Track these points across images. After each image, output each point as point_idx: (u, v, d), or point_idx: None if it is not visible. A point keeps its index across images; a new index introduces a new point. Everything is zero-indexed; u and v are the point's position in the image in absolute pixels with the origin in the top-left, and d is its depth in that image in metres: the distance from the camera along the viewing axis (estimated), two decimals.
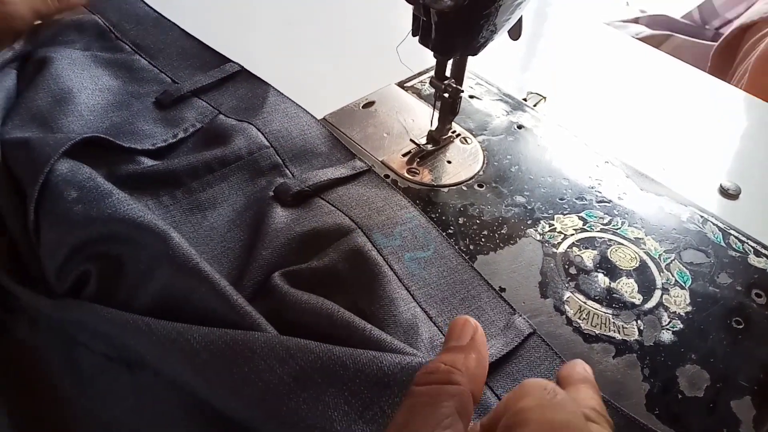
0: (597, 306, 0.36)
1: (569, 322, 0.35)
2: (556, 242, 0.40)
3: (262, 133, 0.43)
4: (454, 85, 0.43)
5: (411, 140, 0.46)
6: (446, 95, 0.43)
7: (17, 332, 0.31)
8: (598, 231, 0.41)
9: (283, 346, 0.27)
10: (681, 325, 0.36)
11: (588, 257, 0.39)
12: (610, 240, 0.40)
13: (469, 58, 0.43)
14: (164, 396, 0.28)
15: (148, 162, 0.39)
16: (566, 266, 0.38)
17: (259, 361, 0.26)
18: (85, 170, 0.34)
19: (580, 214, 0.42)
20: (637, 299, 0.37)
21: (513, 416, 0.21)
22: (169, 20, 0.56)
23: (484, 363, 0.25)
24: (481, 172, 0.45)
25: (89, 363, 0.30)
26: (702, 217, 0.43)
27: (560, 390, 0.22)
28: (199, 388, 0.27)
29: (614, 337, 0.35)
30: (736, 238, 0.41)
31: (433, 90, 0.44)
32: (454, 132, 0.48)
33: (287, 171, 0.41)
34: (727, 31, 1.11)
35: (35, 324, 0.31)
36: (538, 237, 0.40)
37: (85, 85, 0.45)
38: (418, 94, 0.52)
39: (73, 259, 0.31)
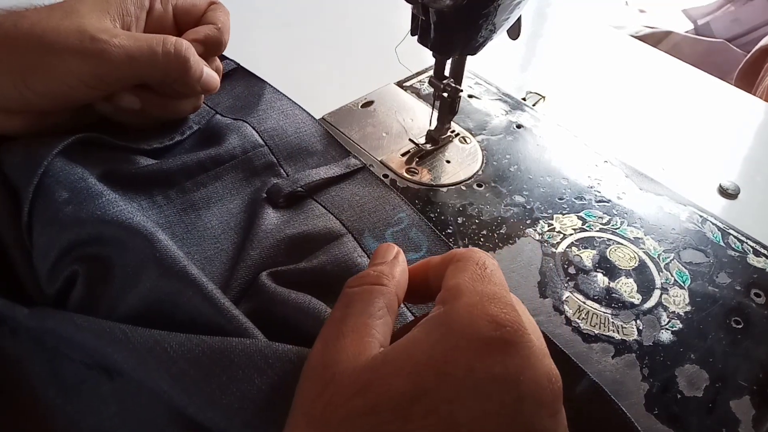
0: (596, 306, 0.36)
1: (568, 321, 0.35)
2: (555, 242, 0.40)
3: (257, 132, 0.42)
4: (453, 85, 0.43)
5: (410, 140, 0.46)
6: (445, 95, 0.43)
7: None
8: (597, 231, 0.41)
9: (261, 354, 0.27)
10: (680, 325, 0.36)
11: (587, 257, 0.39)
12: (609, 240, 0.40)
13: (468, 57, 0.43)
14: (146, 402, 0.28)
15: (142, 161, 0.38)
16: (565, 266, 0.38)
17: (237, 371, 0.26)
18: (77, 171, 0.34)
19: (579, 214, 0.42)
20: (637, 299, 0.37)
21: (449, 290, 0.25)
22: None
23: (406, 275, 0.28)
24: (480, 172, 0.45)
25: (71, 372, 0.29)
26: (701, 216, 0.43)
27: (490, 264, 0.26)
28: (177, 398, 0.27)
29: (613, 337, 0.35)
30: (736, 237, 0.41)
31: (432, 89, 0.44)
32: (453, 131, 0.48)
33: (281, 170, 0.41)
34: (728, 43, 1.12)
35: (16, 333, 0.31)
36: (537, 237, 0.40)
37: None
38: (417, 93, 0.52)
39: (62, 260, 0.31)
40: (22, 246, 0.33)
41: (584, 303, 0.36)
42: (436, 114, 0.45)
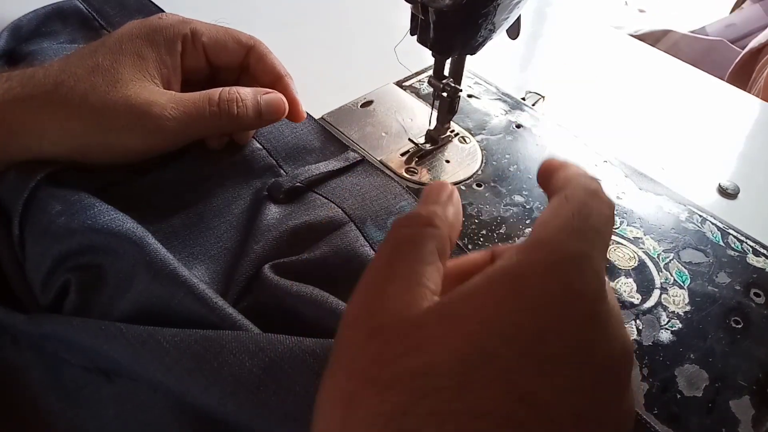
0: None
1: None
2: None
3: (253, 136, 0.43)
4: (453, 85, 0.43)
5: (409, 139, 0.46)
6: (445, 94, 0.43)
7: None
8: None
9: (253, 340, 0.27)
10: (680, 325, 0.36)
11: None
12: None
13: (468, 57, 0.42)
14: (145, 402, 0.28)
15: (141, 172, 0.38)
16: None
17: (228, 355, 0.26)
18: (71, 186, 0.34)
19: None
20: (636, 299, 0.37)
21: (530, 238, 0.22)
22: (154, 4, 0.55)
23: (460, 216, 0.25)
24: (479, 172, 0.45)
25: (71, 377, 0.30)
26: (701, 216, 0.43)
27: (596, 213, 0.22)
28: (172, 387, 0.27)
29: None
30: (735, 237, 0.41)
31: (431, 89, 0.44)
32: (452, 131, 0.47)
33: (281, 171, 0.41)
34: (727, 41, 1.13)
35: (17, 342, 0.31)
36: None
37: None
38: (417, 93, 0.52)
39: (55, 270, 0.31)
40: (15, 259, 0.33)
41: None
42: (435, 114, 0.45)
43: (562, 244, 0.21)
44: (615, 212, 0.42)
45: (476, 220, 0.41)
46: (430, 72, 0.43)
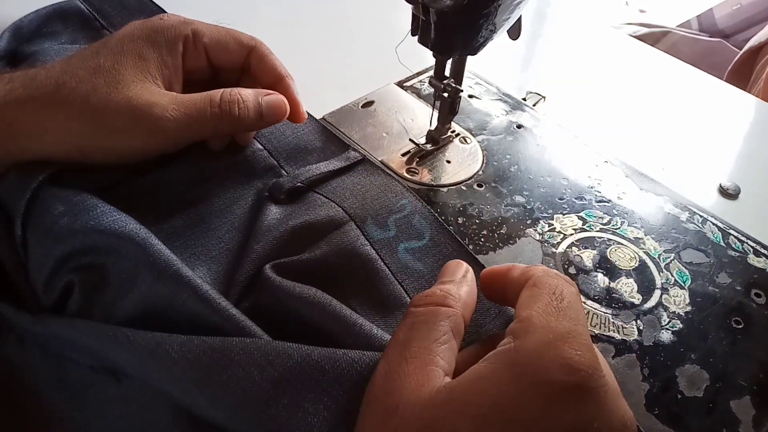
0: (596, 306, 0.36)
1: None
2: (555, 242, 0.40)
3: (254, 137, 0.43)
4: (454, 85, 0.43)
5: (410, 140, 0.46)
6: (445, 95, 0.43)
7: (5, 348, 0.31)
8: (597, 231, 0.41)
9: (261, 351, 0.27)
10: (680, 325, 0.36)
11: (587, 257, 0.39)
12: (609, 240, 0.40)
13: (469, 57, 0.43)
14: (151, 403, 0.28)
15: (142, 173, 0.39)
16: (566, 266, 0.38)
17: (237, 369, 0.26)
18: (73, 186, 0.34)
19: (579, 214, 0.42)
20: (637, 299, 0.37)
21: (520, 323, 0.23)
22: (156, 4, 0.55)
23: (474, 295, 0.27)
24: (480, 172, 0.45)
25: (77, 377, 0.30)
26: (701, 216, 0.43)
27: (567, 293, 0.24)
28: (179, 398, 0.27)
29: (614, 337, 0.35)
30: (736, 237, 0.41)
31: (432, 89, 0.44)
32: (453, 132, 0.48)
33: (282, 171, 0.41)
34: (726, 42, 1.13)
35: (22, 341, 0.31)
36: (538, 237, 0.40)
37: None
38: (418, 93, 0.52)
39: (58, 271, 0.31)
40: (17, 260, 0.33)
41: (584, 303, 0.36)
42: (436, 114, 0.45)
43: (550, 325, 0.23)
44: (615, 213, 0.42)
45: (477, 221, 0.41)
46: (431, 72, 0.43)
